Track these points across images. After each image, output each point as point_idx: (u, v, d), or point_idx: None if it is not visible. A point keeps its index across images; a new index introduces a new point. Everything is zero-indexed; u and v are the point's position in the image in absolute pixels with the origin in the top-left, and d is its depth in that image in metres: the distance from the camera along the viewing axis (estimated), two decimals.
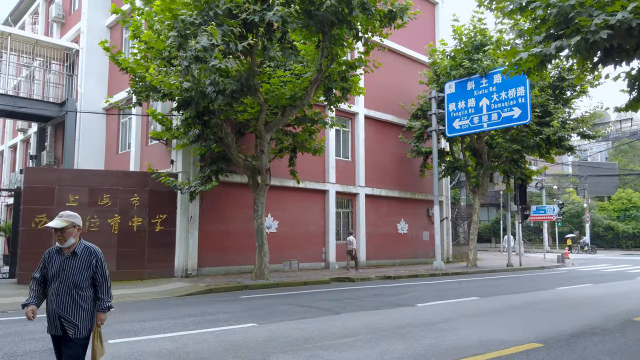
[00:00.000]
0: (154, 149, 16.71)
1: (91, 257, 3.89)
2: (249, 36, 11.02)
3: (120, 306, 9.80)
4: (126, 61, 13.02)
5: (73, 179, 14.15)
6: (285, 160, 16.09)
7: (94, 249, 3.96)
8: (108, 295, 3.95)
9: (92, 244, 3.99)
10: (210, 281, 13.67)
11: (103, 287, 3.93)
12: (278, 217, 17.66)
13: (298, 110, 13.57)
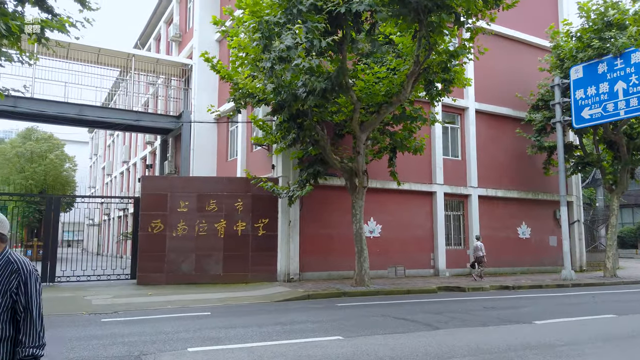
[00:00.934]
0: (257, 154, 17.07)
1: (11, 278, 2.43)
2: (335, 31, 10.55)
3: (219, 309, 9.95)
4: (224, 69, 13.38)
5: (183, 186, 14.95)
6: (387, 162, 15.32)
7: (20, 265, 2.46)
8: (35, 339, 2.43)
9: (22, 257, 2.53)
10: (310, 286, 13.44)
11: (27, 325, 2.44)
12: (381, 221, 16.94)
13: (395, 107, 12.76)
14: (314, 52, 10.04)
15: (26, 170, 29.47)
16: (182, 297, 11.62)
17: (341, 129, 14.60)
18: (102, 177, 42.13)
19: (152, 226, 14.39)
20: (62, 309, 9.87)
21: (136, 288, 13.52)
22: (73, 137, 49.54)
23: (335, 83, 11.32)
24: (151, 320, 8.74)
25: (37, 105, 18.12)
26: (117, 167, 36.17)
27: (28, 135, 32.06)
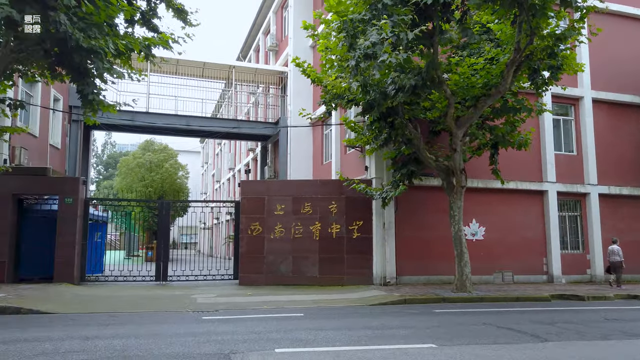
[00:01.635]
0: (351, 156, 16.97)
1: None
2: (424, 24, 10.04)
3: (312, 311, 9.95)
4: (314, 73, 13.47)
5: (279, 189, 15.31)
6: (488, 159, 14.31)
7: None
8: None
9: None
10: (407, 291, 12.96)
11: None
12: (485, 223, 15.86)
13: (494, 99, 11.85)
14: (401, 47, 9.66)
15: (146, 178, 32.49)
16: (278, 298, 11.84)
17: (435, 126, 13.94)
18: (212, 184, 45.08)
19: (251, 229, 14.92)
20: (170, 306, 10.54)
21: (237, 288, 14.09)
22: (186, 147, 53.77)
23: (427, 78, 10.80)
24: (246, 319, 8.97)
25: (151, 119, 19.83)
26: (224, 174, 38.47)
27: (147, 147, 35.38)
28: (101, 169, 59.33)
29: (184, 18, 12.03)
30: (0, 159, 13.84)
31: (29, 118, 16.57)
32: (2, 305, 9.44)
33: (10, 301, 9.99)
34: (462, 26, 10.11)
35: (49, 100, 17.90)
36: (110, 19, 10.31)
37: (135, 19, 11.62)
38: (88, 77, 10.36)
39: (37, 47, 10.18)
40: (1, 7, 7.84)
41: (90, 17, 9.64)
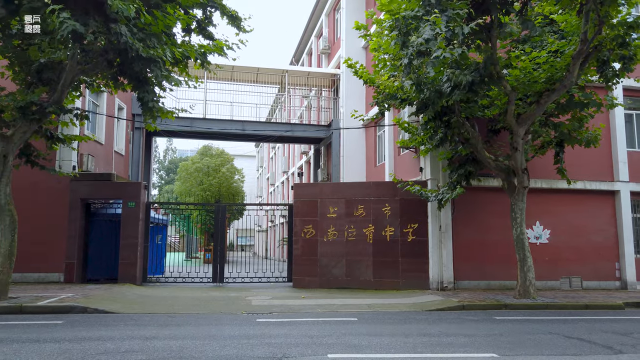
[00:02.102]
0: (405, 158, 16.60)
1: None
2: (480, 17, 9.61)
3: (367, 316, 9.77)
4: (366, 73, 13.29)
5: (332, 192, 15.22)
6: (552, 158, 13.52)
7: None
8: None
9: None
10: (466, 296, 12.46)
11: None
12: (550, 225, 14.99)
13: (559, 94, 11.15)
14: (455, 42, 9.28)
15: (204, 182, 33.51)
16: (331, 302, 11.73)
17: (495, 124, 13.34)
18: (267, 187, 45.83)
19: (304, 231, 14.93)
20: (226, 308, 10.70)
21: (291, 291, 14.12)
22: (241, 152, 55.07)
23: (484, 74, 10.32)
24: (300, 322, 8.92)
25: (208, 124, 20.39)
26: (278, 177, 38.99)
27: (205, 152, 36.51)
28: (163, 174, 61.96)
29: (238, 25, 12.22)
30: (69, 166, 14.69)
31: (96, 126, 17.51)
32: (69, 305, 9.96)
33: (78, 301, 10.53)
34: (522, 18, 9.57)
35: (113, 109, 18.85)
36: (168, 29, 10.65)
37: (192, 28, 11.95)
38: (147, 85, 10.75)
39: (101, 58, 10.69)
40: (66, 21, 8.26)
41: (149, 28, 10.00)
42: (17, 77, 11.67)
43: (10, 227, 10.60)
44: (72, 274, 14.31)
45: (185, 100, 20.21)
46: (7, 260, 10.46)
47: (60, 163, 14.61)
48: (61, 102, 11.09)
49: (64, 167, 14.55)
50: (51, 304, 10.10)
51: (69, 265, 14.34)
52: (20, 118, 10.72)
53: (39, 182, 14.24)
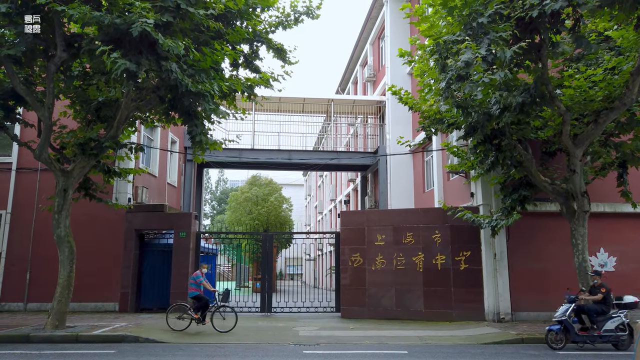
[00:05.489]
0: (455, 183, 16.14)
1: None
2: (527, 38, 9.30)
3: (417, 349, 9.36)
4: (411, 99, 13.16)
5: (379, 219, 14.96)
6: (614, 179, 12.70)
7: None
8: None
9: None
10: (525, 328, 11.72)
11: None
12: (615, 252, 13.97)
13: (618, 112, 10.53)
14: (494, 66, 9.04)
15: (253, 212, 34.00)
16: (381, 333, 11.35)
17: (549, 146, 12.74)
18: (315, 215, 45.91)
19: (352, 260, 14.70)
20: (273, 338, 10.59)
21: (340, 321, 13.82)
22: (289, 181, 55.71)
23: (536, 95, 9.92)
24: (347, 355, 8.66)
25: (256, 154, 20.80)
26: (326, 205, 38.98)
27: (253, 182, 37.18)
28: (215, 204, 63.50)
29: (284, 57, 12.53)
30: (125, 198, 15.32)
31: (150, 160, 18.27)
32: (122, 334, 10.19)
33: (130, 330, 10.75)
34: (575, 36, 9.18)
35: (167, 143, 19.64)
36: (216, 64, 11.04)
37: (239, 62, 12.36)
38: (196, 119, 11.11)
39: (153, 95, 11.20)
40: (117, 61, 8.73)
41: (197, 64, 10.42)
42: (77, 116, 12.43)
43: (68, 258, 11.08)
44: (126, 303, 14.71)
45: (234, 132, 20.79)
46: (65, 290, 10.89)
47: (116, 195, 15.28)
48: (117, 137, 11.65)
49: (120, 200, 15.19)
50: (105, 333, 10.37)
51: (123, 294, 14.78)
52: (80, 153, 11.34)
53: (96, 214, 14.90)
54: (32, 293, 14.86)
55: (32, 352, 8.70)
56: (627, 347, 9.38)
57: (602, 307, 9.72)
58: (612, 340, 9.41)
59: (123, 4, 9.16)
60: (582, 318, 9.82)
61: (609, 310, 9.70)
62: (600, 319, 9.56)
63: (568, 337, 9.47)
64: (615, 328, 9.40)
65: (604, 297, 9.77)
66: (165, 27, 9.57)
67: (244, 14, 11.11)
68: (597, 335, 9.42)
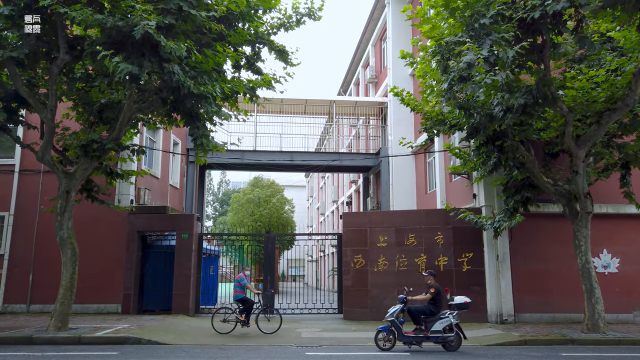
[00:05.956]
0: (457, 185, 16.12)
1: None
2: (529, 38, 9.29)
3: (421, 350, 9.33)
4: (413, 101, 13.15)
5: (381, 220, 14.95)
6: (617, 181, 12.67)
7: None
8: None
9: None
10: (528, 330, 11.69)
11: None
12: (618, 253, 13.94)
13: (621, 113, 10.52)
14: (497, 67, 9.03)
15: (255, 213, 34.01)
16: None
17: (552, 147, 12.71)
18: (317, 217, 45.89)
19: (354, 261, 14.68)
20: (275, 340, 10.59)
21: (342, 323, 13.81)
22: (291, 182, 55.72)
23: (538, 96, 9.91)
24: (350, 357, 8.65)
25: (258, 156, 20.81)
26: (328, 207, 38.96)
27: (255, 183, 37.20)
28: (217, 205, 63.54)
29: (286, 59, 12.52)
30: (127, 200, 15.34)
31: (152, 161, 18.29)
32: (125, 336, 10.19)
33: (133, 332, 10.75)
34: (578, 36, 9.17)
35: (169, 145, 19.66)
36: (218, 66, 11.06)
37: (241, 64, 12.37)
38: (199, 121, 11.13)
39: (156, 97, 11.21)
40: (120, 65, 8.75)
41: (200, 66, 10.43)
42: (80, 118, 12.45)
43: (71, 260, 11.09)
44: (129, 305, 14.72)
45: (236, 134, 20.83)
46: (68, 291, 10.90)
47: (119, 197, 15.29)
48: (120, 139, 11.67)
49: (123, 201, 15.20)
50: (107, 335, 10.37)
51: (126, 296, 14.79)
52: (82, 155, 11.36)
53: (98, 216, 14.92)
54: (35, 295, 14.88)
55: (35, 353, 8.71)
56: (455, 348, 9.28)
57: (430, 307, 9.58)
58: (439, 341, 9.27)
59: (125, 6, 9.18)
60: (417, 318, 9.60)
61: (438, 311, 9.58)
62: (429, 319, 9.41)
63: (397, 338, 9.30)
64: (443, 329, 9.28)
65: (434, 297, 9.65)
66: (167, 29, 9.58)
67: (246, 16, 11.12)
68: (424, 336, 9.26)
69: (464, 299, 9.75)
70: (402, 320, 9.43)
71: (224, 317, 11.73)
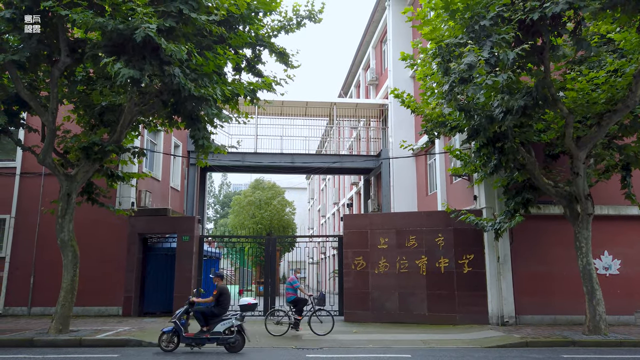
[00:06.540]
0: (458, 186, 16.12)
1: None
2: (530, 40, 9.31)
3: (421, 352, 9.32)
4: (413, 103, 13.16)
5: (382, 222, 14.94)
6: (618, 182, 12.66)
7: None
8: None
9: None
10: (529, 332, 11.67)
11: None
12: (620, 255, 13.91)
13: (621, 115, 10.52)
14: (498, 69, 9.05)
15: (256, 215, 34.06)
16: (384, 337, 11.32)
17: (553, 149, 12.71)
18: (318, 219, 45.87)
19: (355, 263, 14.68)
20: (276, 342, 10.58)
21: (343, 325, 13.78)
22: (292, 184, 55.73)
23: (538, 97, 9.92)
24: (351, 359, 8.64)
25: (259, 158, 20.83)
26: (329, 209, 38.95)
27: (256, 185, 37.26)
28: (218, 208, 63.56)
29: (286, 61, 12.55)
30: (128, 202, 15.36)
31: (153, 164, 18.32)
32: (125, 338, 10.20)
33: (134, 334, 10.76)
34: (576, 38, 9.18)
35: (170, 147, 19.69)
36: (219, 68, 11.09)
37: (242, 67, 12.39)
38: (199, 123, 11.16)
39: (156, 99, 11.24)
40: (121, 70, 8.78)
41: (200, 68, 10.46)
42: (81, 120, 12.49)
43: (72, 262, 11.11)
44: (130, 308, 14.72)
45: (237, 136, 20.84)
46: (69, 294, 10.92)
47: (119, 200, 15.32)
48: (121, 141, 11.70)
49: (124, 204, 15.23)
50: (108, 337, 10.38)
51: (127, 298, 14.80)
52: (83, 158, 11.38)
53: (99, 219, 14.94)
54: (36, 297, 14.90)
55: (35, 356, 8.72)
56: (238, 349, 9.28)
57: (212, 309, 9.55)
58: (220, 342, 9.26)
59: (126, 9, 9.21)
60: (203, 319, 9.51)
61: (222, 312, 9.56)
62: (214, 321, 9.39)
63: (180, 339, 9.27)
64: (224, 331, 9.28)
65: (217, 299, 9.63)
66: (168, 32, 9.62)
67: (247, 19, 11.15)
68: (205, 337, 9.23)
69: (248, 300, 9.86)
70: (183, 322, 9.38)
71: (277, 319, 11.86)
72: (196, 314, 9.46)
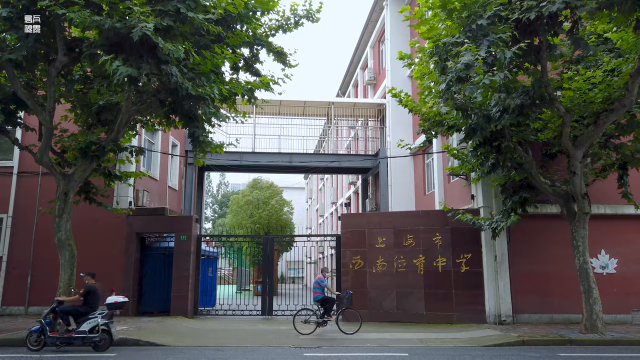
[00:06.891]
0: (455, 186, 16.14)
1: None
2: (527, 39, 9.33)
3: (418, 351, 9.34)
4: (411, 102, 13.18)
5: (379, 222, 14.96)
6: (615, 181, 12.70)
7: None
8: None
9: None
10: (526, 331, 11.70)
11: None
12: (616, 254, 13.96)
13: (618, 114, 10.55)
14: (495, 68, 9.07)
15: (254, 215, 34.00)
16: (382, 336, 11.34)
17: (550, 148, 12.75)
18: (316, 218, 45.89)
19: (352, 262, 14.69)
20: (274, 341, 10.59)
21: (342, 324, 13.75)
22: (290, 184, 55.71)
23: (535, 97, 9.95)
24: (348, 357, 8.65)
25: (257, 158, 20.83)
26: (327, 208, 38.97)
27: (254, 185, 37.19)
28: (216, 207, 63.50)
29: (284, 60, 12.55)
30: (126, 202, 15.35)
31: (151, 163, 18.29)
32: (123, 338, 10.19)
33: (131, 334, 10.76)
34: (573, 38, 9.20)
35: (168, 147, 19.67)
36: (217, 68, 11.06)
37: (239, 66, 12.39)
38: (197, 122, 11.15)
39: (154, 98, 11.23)
40: (119, 68, 8.76)
41: (198, 67, 10.45)
42: (78, 119, 12.47)
43: (69, 262, 11.10)
44: (127, 307, 14.69)
45: (234, 135, 20.82)
46: (66, 293, 10.89)
47: (117, 199, 15.29)
48: (118, 140, 11.69)
49: (121, 203, 15.20)
50: None
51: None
52: (80, 157, 11.37)
53: (97, 218, 14.90)
54: (33, 297, 14.86)
55: (32, 355, 8.70)
56: (104, 348, 9.25)
57: (79, 308, 9.51)
58: (86, 341, 9.21)
59: (123, 8, 9.20)
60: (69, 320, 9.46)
61: (89, 311, 9.54)
62: (80, 320, 9.36)
63: (45, 339, 9.20)
64: (89, 330, 9.25)
65: (86, 298, 9.63)
66: (165, 31, 9.60)
67: (244, 18, 11.14)
68: (69, 336, 9.19)
69: (114, 298, 9.80)
70: (49, 321, 9.33)
71: (305, 318, 11.94)
72: (61, 313, 9.35)
